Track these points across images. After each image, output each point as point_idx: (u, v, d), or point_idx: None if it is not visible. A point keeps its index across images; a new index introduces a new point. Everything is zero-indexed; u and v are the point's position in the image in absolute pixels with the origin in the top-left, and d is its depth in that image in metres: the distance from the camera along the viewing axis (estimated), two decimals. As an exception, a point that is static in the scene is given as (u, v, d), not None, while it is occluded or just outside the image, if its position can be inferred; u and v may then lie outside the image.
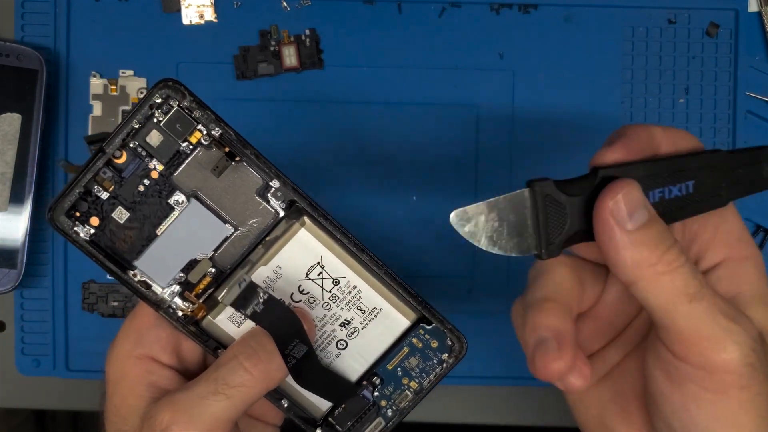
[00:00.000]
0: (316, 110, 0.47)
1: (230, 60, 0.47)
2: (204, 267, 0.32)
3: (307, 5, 0.47)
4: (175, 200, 0.32)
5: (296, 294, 0.33)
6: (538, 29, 0.48)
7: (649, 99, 0.48)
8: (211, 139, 0.31)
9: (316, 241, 0.32)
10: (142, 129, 0.31)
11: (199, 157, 0.31)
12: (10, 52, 0.45)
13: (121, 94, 0.47)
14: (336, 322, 0.33)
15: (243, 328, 0.33)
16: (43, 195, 0.47)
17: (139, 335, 0.33)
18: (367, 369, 0.34)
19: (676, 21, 0.48)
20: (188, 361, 0.34)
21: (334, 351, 0.34)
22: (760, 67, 0.48)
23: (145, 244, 0.32)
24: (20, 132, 0.45)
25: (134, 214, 0.32)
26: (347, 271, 0.33)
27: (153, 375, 0.32)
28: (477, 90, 0.47)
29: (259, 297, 0.32)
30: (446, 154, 0.47)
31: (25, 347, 0.47)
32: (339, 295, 0.33)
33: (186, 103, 0.31)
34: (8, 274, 0.45)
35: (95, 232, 0.31)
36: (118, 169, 0.31)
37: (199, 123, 0.31)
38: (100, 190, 0.31)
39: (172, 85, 0.30)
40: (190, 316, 0.33)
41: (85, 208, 0.31)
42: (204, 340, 0.33)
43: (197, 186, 0.32)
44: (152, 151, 0.31)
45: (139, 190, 0.31)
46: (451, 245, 0.47)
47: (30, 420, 0.67)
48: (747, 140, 0.48)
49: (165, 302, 0.32)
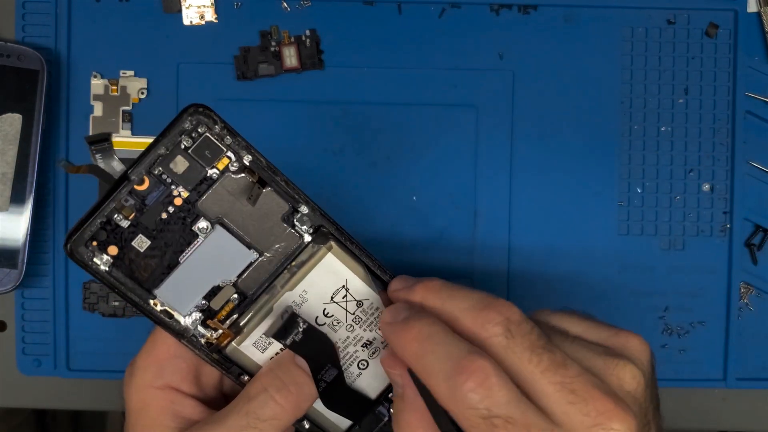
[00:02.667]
0: (316, 111, 0.47)
1: (231, 60, 0.47)
2: (227, 293, 0.32)
3: (308, 6, 0.47)
4: (200, 227, 0.31)
5: (321, 317, 0.33)
6: (538, 29, 0.48)
7: (649, 99, 0.48)
8: (239, 166, 0.31)
9: (342, 265, 0.32)
10: (168, 155, 0.30)
11: (226, 183, 0.31)
12: (10, 53, 0.45)
13: (122, 95, 0.47)
14: (358, 343, 0.33)
15: (267, 354, 0.33)
16: (43, 195, 0.47)
17: (160, 366, 0.33)
18: (387, 386, 0.34)
19: (675, 21, 0.48)
20: (207, 387, 0.34)
21: (356, 371, 0.34)
22: (760, 68, 0.48)
23: (166, 272, 0.31)
24: (21, 132, 0.45)
25: (155, 242, 0.31)
26: (371, 293, 0.33)
27: (176, 405, 0.32)
28: (477, 90, 0.47)
29: (300, 326, 0.31)
30: (446, 154, 0.47)
31: (26, 347, 0.47)
32: (362, 317, 0.33)
33: (217, 130, 0.30)
34: (9, 274, 0.45)
35: (114, 262, 0.30)
36: (140, 196, 0.30)
37: (230, 150, 0.30)
38: (120, 218, 0.30)
39: (202, 111, 0.30)
40: (214, 344, 0.32)
41: (103, 237, 0.30)
42: (227, 368, 0.32)
43: (222, 212, 0.31)
44: (177, 178, 0.30)
45: (162, 217, 0.31)
46: (451, 245, 0.47)
47: (30, 420, 0.67)
48: (746, 140, 0.48)
49: (188, 331, 0.32)
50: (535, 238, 0.48)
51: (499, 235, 0.48)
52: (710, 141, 0.48)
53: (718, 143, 0.48)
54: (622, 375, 0.29)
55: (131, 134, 0.47)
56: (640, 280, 0.48)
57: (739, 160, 0.48)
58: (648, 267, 0.48)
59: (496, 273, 0.48)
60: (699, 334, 0.48)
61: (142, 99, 0.47)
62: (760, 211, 0.48)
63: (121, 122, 0.47)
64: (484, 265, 0.48)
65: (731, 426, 0.50)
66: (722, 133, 0.48)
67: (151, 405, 0.32)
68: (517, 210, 0.48)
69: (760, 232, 0.48)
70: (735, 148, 0.48)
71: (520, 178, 0.48)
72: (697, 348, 0.48)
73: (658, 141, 0.48)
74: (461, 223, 0.48)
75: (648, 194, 0.48)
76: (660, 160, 0.48)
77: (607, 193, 0.48)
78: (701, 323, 0.48)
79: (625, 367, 0.29)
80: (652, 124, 0.48)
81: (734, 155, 0.48)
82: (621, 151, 0.48)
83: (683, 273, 0.48)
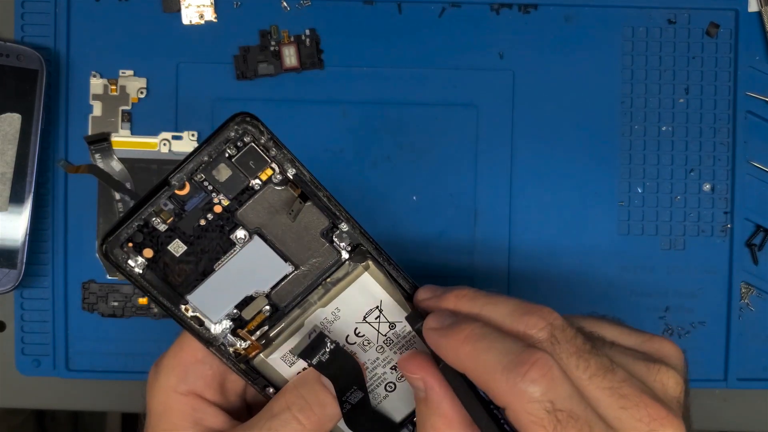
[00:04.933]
0: (316, 110, 0.47)
1: (230, 60, 0.47)
2: (259, 304, 0.31)
3: (307, 5, 0.47)
4: (237, 236, 0.31)
5: (352, 336, 0.32)
6: (538, 29, 0.48)
7: (649, 99, 0.48)
8: (283, 178, 0.30)
9: (377, 285, 0.32)
10: (211, 163, 0.30)
11: (267, 194, 0.30)
12: (10, 52, 0.45)
13: (121, 94, 0.47)
14: (388, 365, 0.33)
15: (295, 368, 0.32)
16: (43, 195, 0.47)
17: (185, 371, 0.32)
18: (413, 411, 0.33)
19: (676, 21, 0.48)
20: (231, 395, 0.34)
21: (383, 393, 0.33)
22: (760, 67, 0.48)
23: (200, 278, 0.31)
24: (20, 132, 0.45)
25: (192, 247, 0.30)
26: (404, 316, 0.32)
27: (198, 412, 0.32)
28: (477, 90, 0.47)
29: (327, 347, 0.31)
30: (446, 154, 0.47)
31: (25, 347, 0.47)
32: (394, 339, 0.33)
33: (263, 141, 0.30)
34: (8, 274, 0.45)
35: (148, 265, 0.30)
36: (180, 201, 0.30)
37: (274, 162, 0.30)
38: (158, 221, 0.30)
39: (249, 120, 0.29)
40: (243, 355, 0.32)
41: (140, 239, 0.30)
42: (253, 379, 0.32)
43: (261, 223, 0.31)
44: (218, 186, 0.30)
45: (200, 224, 0.30)
46: (451, 245, 0.47)
47: (30, 420, 0.67)
48: (747, 140, 0.48)
49: (218, 339, 0.31)
50: (535, 238, 0.48)
51: (499, 235, 0.47)
52: (711, 141, 0.48)
53: (718, 143, 0.48)
54: (666, 381, 0.28)
55: (130, 134, 0.47)
56: (640, 280, 0.48)
57: (740, 159, 0.48)
58: (648, 267, 0.48)
59: (496, 273, 0.48)
60: (700, 335, 0.48)
61: (141, 99, 0.47)
62: (761, 211, 0.48)
63: (121, 122, 0.47)
64: (484, 265, 0.47)
65: (732, 426, 0.49)
66: (723, 133, 0.48)
67: (173, 410, 0.32)
68: (517, 210, 0.48)
69: (760, 232, 0.48)
70: (736, 147, 0.48)
71: (520, 178, 0.48)
72: (698, 348, 0.48)
73: (659, 141, 0.48)
74: (461, 223, 0.47)
75: (648, 194, 0.48)
76: (660, 159, 0.48)
77: (608, 192, 0.48)
78: (702, 323, 0.48)
79: (667, 373, 0.28)
80: (653, 124, 0.48)
81: (735, 155, 0.48)
82: (621, 150, 0.48)
83: (684, 273, 0.48)
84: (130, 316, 0.47)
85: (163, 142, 0.47)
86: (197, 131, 0.47)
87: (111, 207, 0.47)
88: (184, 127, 0.47)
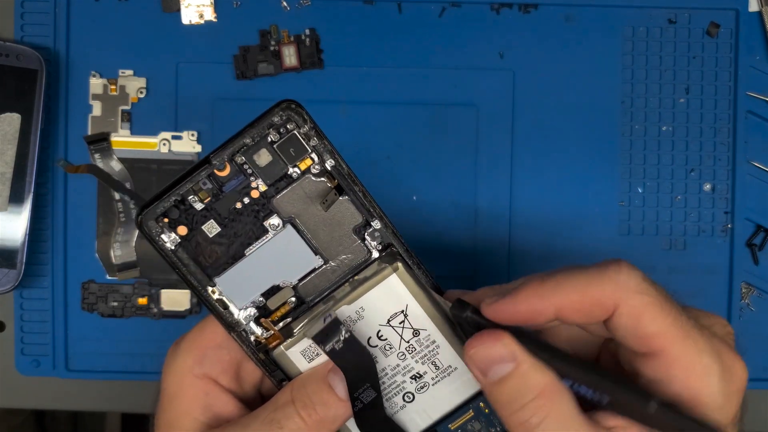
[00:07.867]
0: (316, 110, 0.47)
1: (230, 60, 0.47)
2: (285, 295, 0.31)
3: (307, 5, 0.47)
4: (271, 223, 0.31)
5: (374, 338, 0.32)
6: (538, 29, 0.48)
7: (649, 99, 0.48)
8: (321, 169, 0.30)
9: (404, 289, 0.31)
10: (253, 146, 0.30)
11: (305, 184, 0.30)
12: (9, 52, 0.45)
13: (121, 94, 0.47)
14: (408, 374, 0.32)
15: (313, 364, 0.32)
16: (42, 195, 0.46)
17: (203, 353, 0.32)
18: (429, 426, 0.33)
19: (676, 21, 0.48)
20: (246, 384, 0.34)
21: (400, 402, 0.32)
22: (761, 67, 0.48)
23: (231, 262, 0.31)
24: (20, 132, 0.45)
25: (225, 230, 0.30)
26: (429, 324, 0.32)
27: (210, 397, 0.32)
28: (477, 90, 0.47)
29: (341, 335, 0.30)
30: (446, 154, 0.47)
31: (24, 347, 0.47)
32: (416, 347, 0.32)
33: (305, 129, 0.30)
34: (8, 274, 0.45)
35: (180, 242, 0.30)
36: (219, 181, 0.30)
37: (314, 152, 0.30)
38: (195, 199, 0.30)
39: (294, 108, 0.30)
40: (263, 344, 0.31)
41: (175, 215, 0.30)
42: (271, 370, 0.32)
43: (295, 212, 0.31)
44: (258, 170, 0.30)
45: (236, 207, 0.30)
46: (451, 245, 0.47)
47: (30, 420, 0.67)
48: (747, 140, 0.48)
49: (240, 325, 0.31)
50: (535, 238, 0.47)
51: (499, 235, 0.47)
52: (711, 141, 0.48)
53: (719, 143, 0.48)
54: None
55: (130, 134, 0.47)
56: (640, 281, 0.48)
57: (741, 159, 0.48)
58: (649, 267, 0.48)
59: (496, 272, 0.48)
60: (700, 335, 0.48)
61: (141, 98, 0.47)
62: (762, 211, 0.48)
63: (120, 122, 0.47)
64: (484, 265, 0.47)
65: (732, 426, 0.49)
66: (723, 133, 0.48)
67: (185, 392, 0.32)
68: (517, 210, 0.47)
69: (761, 232, 0.48)
70: (736, 147, 0.48)
71: (520, 178, 0.48)
72: (698, 348, 0.48)
73: (659, 141, 0.48)
74: (461, 223, 0.47)
75: (649, 194, 0.48)
76: (661, 159, 0.48)
77: (608, 192, 0.48)
78: (702, 323, 0.48)
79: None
80: (653, 124, 0.48)
81: (735, 155, 0.48)
82: (622, 150, 0.48)
83: (684, 273, 0.48)
84: (129, 317, 0.47)
85: (162, 142, 0.47)
86: (197, 131, 0.47)
87: (110, 207, 0.47)
88: (184, 127, 0.47)
